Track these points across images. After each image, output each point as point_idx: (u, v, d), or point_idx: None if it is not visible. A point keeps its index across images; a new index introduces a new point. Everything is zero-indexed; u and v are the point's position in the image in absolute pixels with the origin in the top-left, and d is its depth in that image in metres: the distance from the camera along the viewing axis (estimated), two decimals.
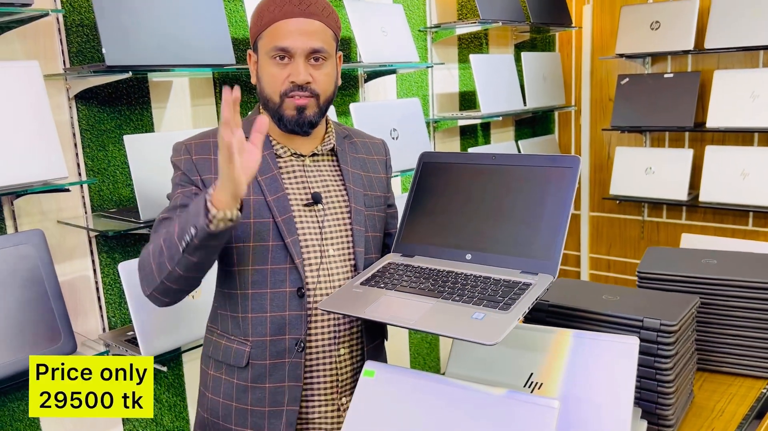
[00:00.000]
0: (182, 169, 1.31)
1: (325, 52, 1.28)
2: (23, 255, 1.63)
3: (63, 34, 1.85)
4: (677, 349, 1.32)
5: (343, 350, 1.37)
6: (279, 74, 1.27)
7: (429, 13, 3.03)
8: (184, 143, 1.33)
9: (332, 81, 1.33)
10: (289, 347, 1.31)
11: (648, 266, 1.67)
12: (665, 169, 3.35)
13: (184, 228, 1.13)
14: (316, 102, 1.29)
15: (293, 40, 1.25)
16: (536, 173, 1.30)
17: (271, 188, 1.30)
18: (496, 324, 1.07)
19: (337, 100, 2.64)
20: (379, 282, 1.28)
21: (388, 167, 1.52)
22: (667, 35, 3.24)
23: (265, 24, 1.28)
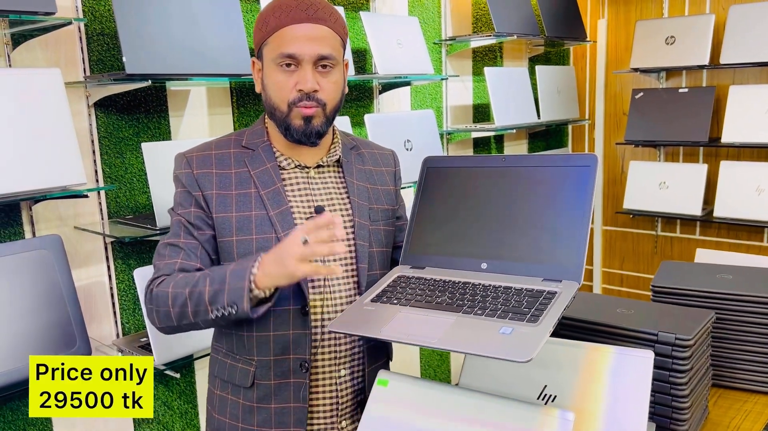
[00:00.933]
0: (184, 183, 1.28)
1: (333, 59, 1.25)
2: (40, 260, 1.65)
3: (84, 43, 1.88)
4: (692, 364, 1.31)
5: (344, 371, 1.33)
6: (286, 82, 1.23)
7: (444, 26, 3.05)
8: (185, 155, 1.31)
9: (340, 89, 1.30)
10: (294, 368, 1.28)
11: (662, 280, 1.66)
12: (679, 184, 3.33)
13: (218, 297, 1.14)
14: (322, 111, 1.26)
15: (300, 47, 1.21)
16: (551, 174, 1.24)
17: (275, 202, 1.27)
18: (526, 339, 1.01)
19: (351, 110, 2.65)
20: (391, 297, 1.21)
21: (397, 178, 1.49)
22: (682, 50, 3.23)
23: (270, 30, 1.24)
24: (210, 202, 1.26)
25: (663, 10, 3.48)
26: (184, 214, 1.27)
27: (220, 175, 1.28)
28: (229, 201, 1.26)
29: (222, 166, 1.29)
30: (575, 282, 1.15)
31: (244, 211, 1.26)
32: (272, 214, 1.26)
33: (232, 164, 1.30)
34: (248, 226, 1.25)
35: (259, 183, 1.28)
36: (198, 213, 1.27)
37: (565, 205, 1.20)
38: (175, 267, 1.24)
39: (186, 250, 1.26)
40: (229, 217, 1.26)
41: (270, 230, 1.26)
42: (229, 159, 1.30)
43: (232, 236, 1.26)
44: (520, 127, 3.13)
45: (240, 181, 1.28)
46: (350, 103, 2.66)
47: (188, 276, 1.21)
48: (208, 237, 1.27)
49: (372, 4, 2.70)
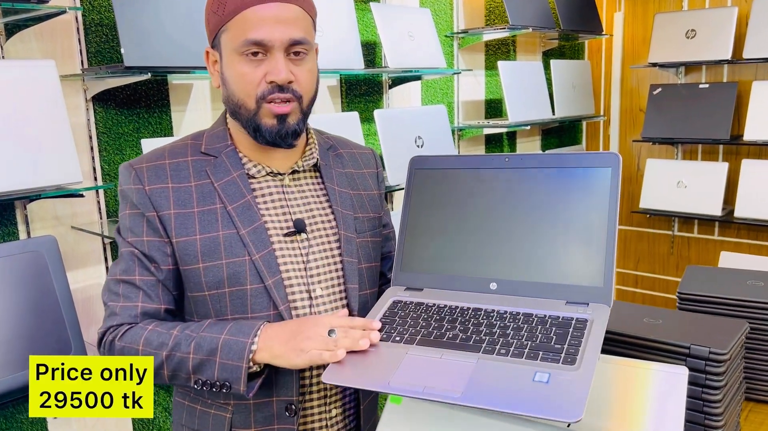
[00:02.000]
0: (134, 202, 1.08)
1: (307, 44, 1.06)
2: (34, 263, 1.58)
3: (81, 34, 1.80)
4: (727, 380, 1.23)
5: (335, 412, 1.16)
6: (252, 74, 1.04)
7: (456, 18, 2.96)
8: (133, 167, 1.09)
9: (315, 79, 1.11)
10: (278, 412, 1.09)
11: (690, 286, 1.58)
12: (698, 183, 3.23)
13: (205, 369, 1.01)
14: (298, 106, 1.07)
15: (269, 31, 1.02)
16: (565, 176, 1.06)
17: (245, 219, 1.08)
18: (569, 390, 0.85)
19: (360, 106, 2.57)
20: (392, 332, 1.03)
21: (380, 181, 1.30)
22: (703, 44, 3.14)
23: (229, 12, 1.04)
24: (168, 224, 1.06)
25: (683, 2, 3.38)
26: (136, 243, 1.07)
27: (177, 190, 1.08)
28: (191, 221, 1.07)
29: (179, 179, 1.09)
30: (605, 305, 1.00)
31: (210, 232, 1.07)
32: (243, 233, 1.07)
33: (192, 175, 1.09)
34: (216, 249, 1.07)
35: (225, 197, 1.09)
36: (153, 241, 1.07)
37: (585, 213, 1.03)
38: (136, 312, 1.06)
39: (144, 290, 1.07)
40: (192, 241, 1.06)
41: (242, 252, 1.07)
42: (187, 169, 1.10)
43: (198, 263, 1.06)
44: (534, 123, 3.04)
45: (202, 196, 1.09)
46: (359, 98, 2.58)
47: (162, 333, 1.04)
48: (167, 274, 1.08)
49: None
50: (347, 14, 2.33)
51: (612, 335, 1.33)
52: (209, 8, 1.09)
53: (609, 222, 1.02)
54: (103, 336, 1.07)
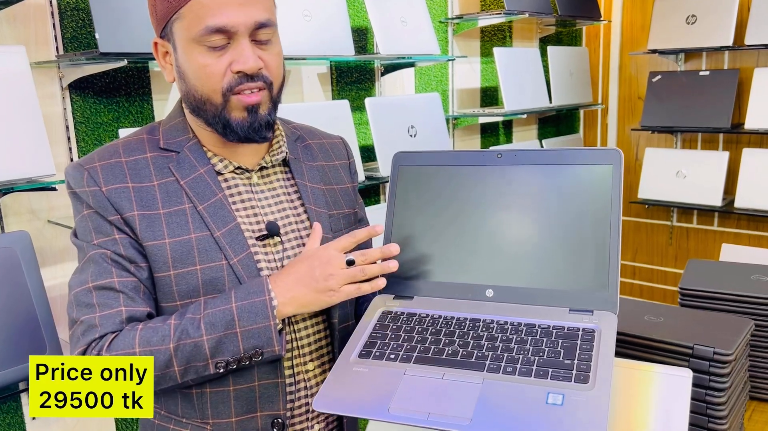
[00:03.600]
0: (92, 205, 0.96)
1: (273, 26, 0.96)
2: (6, 259, 1.50)
3: (56, 18, 1.72)
4: (732, 381, 1.17)
5: (317, 427, 1.08)
6: (215, 65, 0.93)
7: (451, 3, 2.88)
8: (84, 166, 0.97)
9: (282, 63, 1.01)
10: (263, 427, 1.01)
11: (692, 282, 1.53)
12: (698, 173, 3.17)
13: (226, 346, 0.91)
14: (268, 94, 0.98)
15: (231, 15, 0.91)
16: (563, 174, 1.00)
17: (218, 219, 0.99)
18: (586, 412, 0.79)
19: (351, 94, 2.49)
20: (385, 349, 0.94)
21: (353, 173, 1.22)
22: (704, 30, 3.07)
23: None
24: (134, 226, 0.95)
25: None
26: (105, 244, 0.95)
27: (139, 190, 0.97)
28: (158, 224, 0.96)
29: (139, 178, 0.98)
30: (611, 313, 0.94)
31: (181, 235, 0.97)
32: (218, 235, 0.98)
33: (153, 173, 0.99)
34: (189, 254, 0.96)
35: (193, 195, 0.99)
36: (126, 238, 0.96)
37: (586, 214, 0.97)
38: (121, 318, 0.93)
39: (126, 293, 0.94)
40: (161, 245, 0.96)
41: (218, 256, 0.97)
42: (148, 167, 0.99)
43: (169, 270, 0.96)
44: (531, 111, 2.97)
45: (167, 196, 0.98)
46: (350, 86, 2.50)
47: (158, 327, 0.92)
48: (147, 274, 0.97)
49: None
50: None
51: None
52: None
53: (612, 222, 0.96)
54: (84, 353, 0.94)
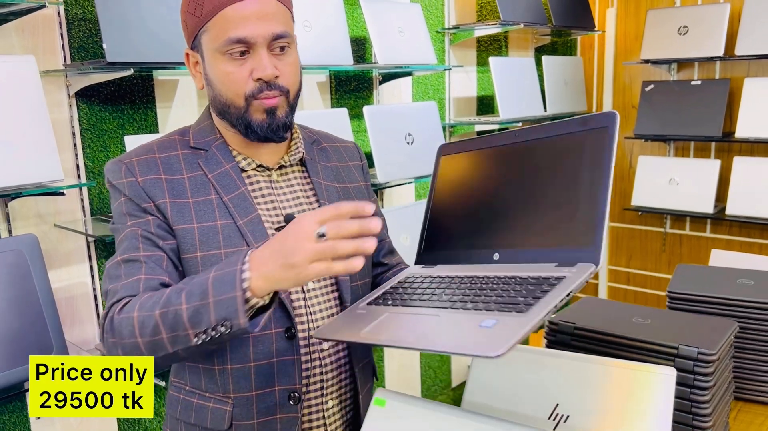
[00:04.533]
0: (128, 194, 1.06)
1: (289, 37, 1.06)
2: (14, 262, 1.55)
3: (64, 29, 1.77)
4: (715, 380, 1.22)
5: (331, 402, 1.16)
6: (238, 72, 1.04)
7: (447, 14, 2.93)
8: (123, 161, 1.08)
9: (299, 71, 1.11)
10: (281, 401, 1.09)
11: (679, 286, 1.57)
12: (690, 180, 3.23)
13: (201, 316, 0.90)
14: (285, 100, 1.08)
15: (252, 27, 1.02)
16: (565, 143, 1.06)
17: (241, 209, 1.08)
18: (504, 332, 0.84)
19: (350, 102, 2.54)
20: (388, 299, 1.08)
21: (365, 173, 1.32)
22: (696, 40, 3.13)
23: (208, 13, 1.03)
24: (165, 212, 1.05)
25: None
26: (138, 224, 1.05)
27: (171, 181, 1.08)
28: (188, 210, 1.07)
29: (171, 171, 1.09)
30: (591, 264, 0.96)
31: (207, 221, 1.07)
32: (241, 224, 1.07)
33: (183, 168, 1.10)
34: (214, 238, 1.06)
35: (219, 187, 1.09)
36: (157, 220, 1.05)
37: (582, 177, 1.02)
38: (138, 286, 1.00)
39: (148, 264, 1.02)
40: (190, 229, 1.06)
41: (240, 242, 1.07)
42: (179, 162, 1.10)
43: (196, 251, 1.05)
44: (526, 119, 3.02)
45: (196, 187, 1.09)
46: (348, 95, 2.55)
47: (155, 293, 0.97)
48: (174, 247, 1.05)
49: None
50: (336, 9, 2.30)
51: (600, 335, 1.32)
52: (185, 9, 1.08)
53: (601, 182, 0.99)
54: (104, 322, 1.00)
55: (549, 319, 1.40)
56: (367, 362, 1.25)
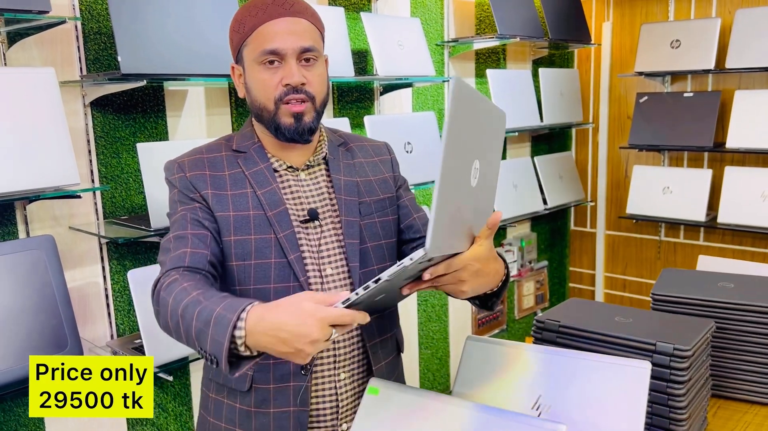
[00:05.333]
0: (178, 187, 1.26)
1: (316, 51, 1.23)
2: (33, 261, 1.64)
3: (80, 42, 1.87)
4: (691, 375, 1.29)
5: (343, 375, 1.29)
6: (270, 79, 1.21)
7: (447, 28, 3.03)
8: (176, 161, 1.28)
9: (325, 82, 1.27)
10: (294, 371, 1.24)
11: (663, 288, 1.64)
12: (683, 189, 3.30)
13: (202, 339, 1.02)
14: (312, 106, 1.23)
15: (282, 41, 1.19)
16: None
17: (272, 203, 1.25)
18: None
19: (351, 112, 2.63)
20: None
21: (394, 165, 1.45)
22: (688, 54, 3.20)
23: (248, 30, 1.22)
24: (208, 200, 1.24)
25: (669, 13, 3.45)
26: (188, 209, 1.23)
27: (213, 177, 1.26)
28: (226, 201, 1.24)
29: (215, 169, 1.27)
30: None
31: (242, 211, 1.24)
32: (270, 215, 1.24)
33: (225, 166, 1.28)
34: (246, 226, 1.23)
35: (254, 183, 1.26)
36: (203, 206, 1.24)
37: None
38: (185, 258, 1.16)
39: (194, 240, 1.19)
40: (227, 216, 1.23)
41: (268, 230, 1.23)
42: (222, 162, 1.28)
43: (230, 236, 1.23)
44: (523, 129, 3.11)
45: (235, 182, 1.26)
46: (350, 105, 2.65)
47: (187, 289, 1.08)
48: (216, 228, 1.23)
49: (373, 4, 2.68)
50: (338, 24, 2.39)
51: (584, 332, 1.39)
52: (232, 29, 1.26)
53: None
54: (154, 288, 1.15)
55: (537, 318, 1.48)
56: (386, 338, 1.36)
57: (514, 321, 3.63)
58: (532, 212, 3.25)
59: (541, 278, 3.78)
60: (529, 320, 3.73)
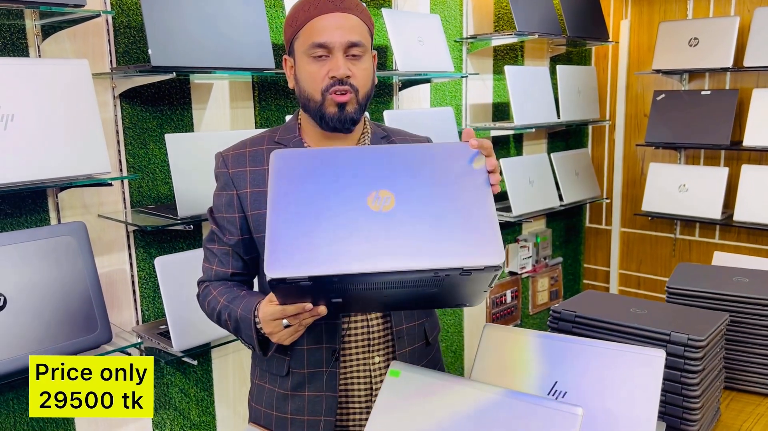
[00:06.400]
0: (220, 182, 1.34)
1: (363, 46, 1.27)
2: (65, 246, 1.69)
3: (111, 35, 1.92)
4: (704, 365, 1.31)
5: (378, 358, 1.36)
6: (318, 71, 1.25)
7: (465, 24, 3.05)
8: (222, 154, 1.35)
9: (370, 76, 1.32)
10: (326, 357, 1.32)
11: (678, 282, 1.65)
12: (699, 187, 3.30)
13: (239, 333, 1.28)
14: (355, 98, 1.28)
15: (330, 35, 1.24)
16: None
17: None
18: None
19: (371, 107, 2.67)
20: None
21: None
22: (706, 52, 3.20)
23: (300, 24, 1.27)
24: (244, 200, 1.30)
25: (687, 11, 3.45)
26: (217, 218, 1.34)
27: (253, 173, 1.31)
28: (263, 198, 1.27)
29: (255, 163, 1.32)
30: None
31: None
32: None
33: (265, 161, 1.30)
34: None
35: None
36: (229, 217, 1.32)
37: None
38: (212, 273, 1.35)
39: (219, 257, 1.34)
40: (263, 214, 1.27)
41: None
42: (262, 156, 1.32)
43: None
44: (540, 126, 3.13)
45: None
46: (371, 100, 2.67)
47: (217, 297, 1.31)
48: (236, 241, 1.33)
49: (394, 1, 2.72)
50: None
51: (600, 323, 1.41)
52: (286, 23, 1.32)
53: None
54: (198, 287, 1.38)
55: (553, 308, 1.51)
56: (412, 325, 1.40)
57: (528, 316, 3.65)
58: (548, 208, 3.28)
59: (555, 274, 3.80)
60: (543, 316, 3.75)
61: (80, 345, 1.67)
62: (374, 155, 1.05)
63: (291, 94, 2.36)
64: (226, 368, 2.27)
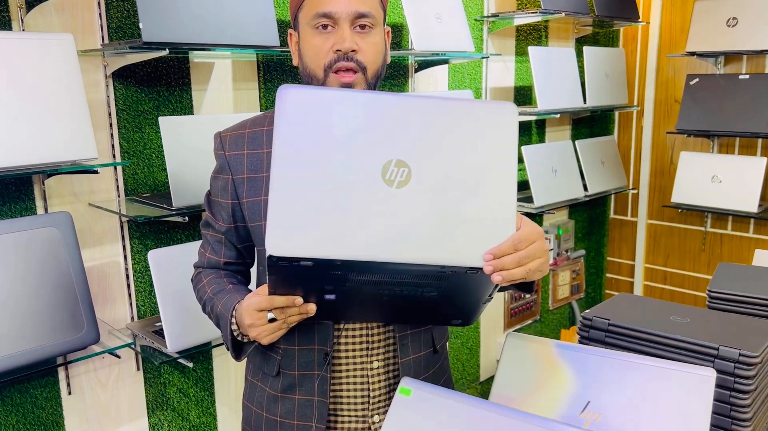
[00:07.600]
0: (218, 164, 1.25)
1: (373, 18, 1.14)
2: (49, 238, 1.56)
3: (102, 8, 1.77)
4: (757, 384, 1.17)
5: (376, 363, 1.24)
6: (322, 45, 1.13)
7: (487, 2, 2.88)
8: (220, 134, 1.25)
9: (381, 52, 1.17)
10: (318, 359, 1.21)
11: (721, 284, 1.51)
12: (734, 178, 3.12)
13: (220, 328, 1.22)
14: (363, 77, 1.14)
15: (336, 4, 1.11)
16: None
17: None
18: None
19: (384, 89, 2.51)
20: None
21: None
22: (745, 33, 3.01)
23: None
24: (240, 186, 1.21)
25: None
26: (212, 203, 1.28)
27: (251, 156, 1.21)
28: (260, 184, 1.20)
29: (254, 146, 1.21)
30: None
31: None
32: None
33: (264, 143, 1.21)
34: None
35: None
36: (223, 203, 1.24)
37: None
38: (204, 260, 1.31)
39: (212, 244, 1.29)
40: (258, 201, 1.20)
41: None
42: (262, 137, 1.22)
43: (262, 220, 1.19)
44: (565, 111, 2.95)
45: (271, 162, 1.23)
46: (384, 81, 2.52)
47: (205, 287, 1.27)
48: (227, 229, 1.26)
49: None
50: None
51: (636, 332, 1.28)
52: None
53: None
54: (194, 271, 1.35)
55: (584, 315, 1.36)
56: (418, 332, 1.28)
57: (548, 311, 3.50)
58: (572, 199, 3.10)
59: (577, 268, 3.64)
60: (564, 311, 3.60)
61: (65, 346, 1.54)
62: (397, 107, 0.92)
63: (299, 75, 2.20)
64: (228, 366, 2.15)
